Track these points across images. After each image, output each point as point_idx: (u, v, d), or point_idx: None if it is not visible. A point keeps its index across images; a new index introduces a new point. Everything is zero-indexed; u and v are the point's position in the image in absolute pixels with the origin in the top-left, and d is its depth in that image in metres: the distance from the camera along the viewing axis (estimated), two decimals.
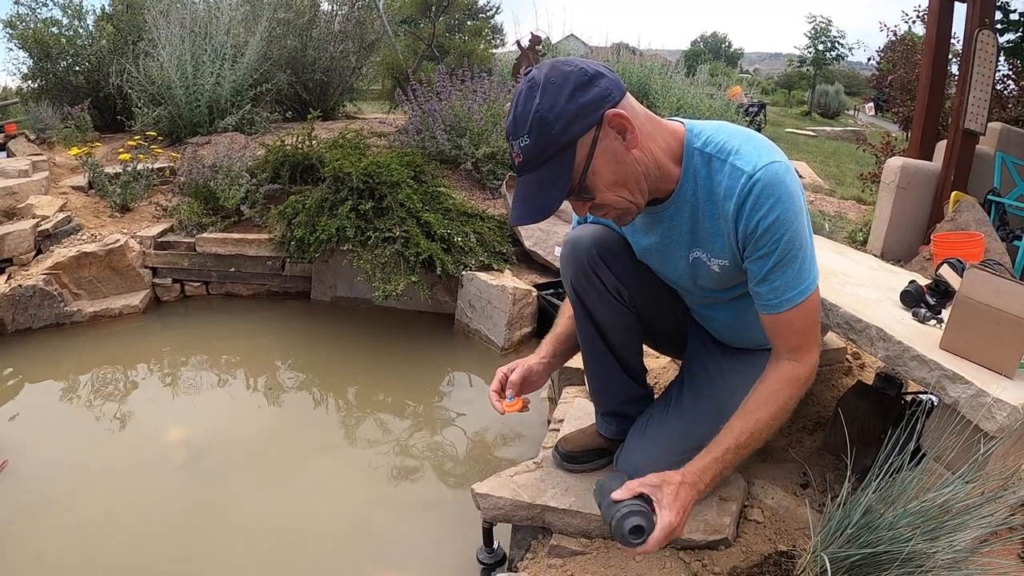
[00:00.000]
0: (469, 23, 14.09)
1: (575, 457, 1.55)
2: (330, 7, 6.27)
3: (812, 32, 20.74)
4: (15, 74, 5.48)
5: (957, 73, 4.07)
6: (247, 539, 1.85)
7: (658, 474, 1.16)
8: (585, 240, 1.39)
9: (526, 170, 1.12)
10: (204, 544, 1.82)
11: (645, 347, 1.59)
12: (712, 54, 29.82)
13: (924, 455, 1.22)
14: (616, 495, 1.13)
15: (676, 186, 1.22)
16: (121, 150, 4.23)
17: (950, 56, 4.35)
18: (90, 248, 3.26)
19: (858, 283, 1.78)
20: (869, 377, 2.12)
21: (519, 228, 3.46)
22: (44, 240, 3.37)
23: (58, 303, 3.10)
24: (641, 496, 1.13)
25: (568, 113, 1.06)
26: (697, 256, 1.28)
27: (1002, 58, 4.46)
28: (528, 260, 3.47)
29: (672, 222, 1.27)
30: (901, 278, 1.86)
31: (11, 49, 5.29)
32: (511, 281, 3.10)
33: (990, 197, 3.59)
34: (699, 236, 1.25)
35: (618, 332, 1.45)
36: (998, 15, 3.98)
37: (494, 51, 11.85)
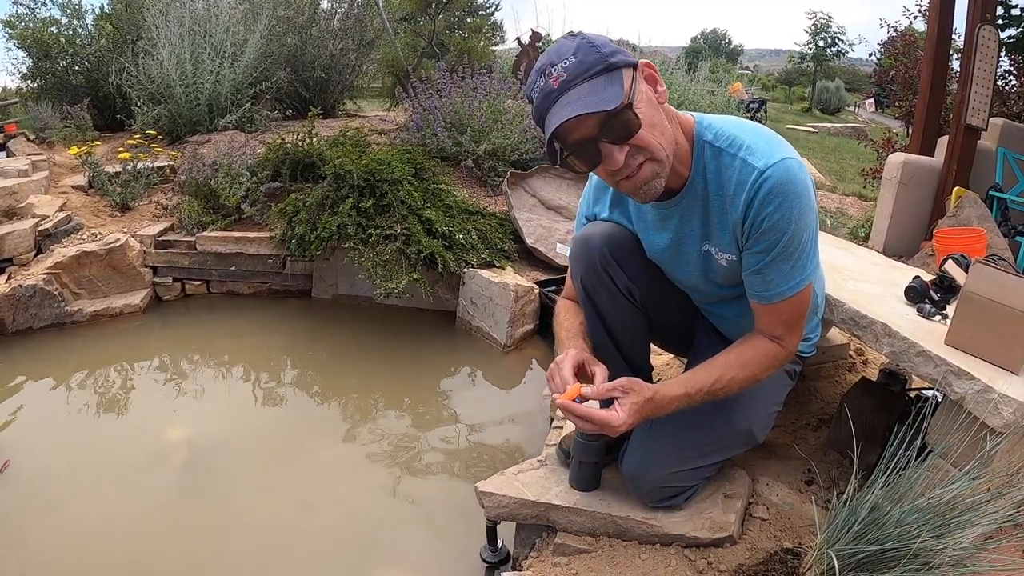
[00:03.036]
0: (469, 20, 14.06)
1: None
2: (330, 5, 6.25)
3: (812, 28, 20.72)
4: (14, 74, 5.46)
5: (958, 69, 4.06)
6: (248, 538, 1.85)
7: (631, 380, 1.23)
8: (596, 238, 1.38)
9: (571, 86, 1.06)
10: (205, 543, 1.82)
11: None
12: (712, 50, 29.76)
13: (929, 451, 1.21)
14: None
15: (689, 174, 1.22)
16: (121, 149, 4.22)
17: (951, 52, 4.33)
18: (90, 247, 3.25)
19: (862, 279, 1.77)
20: (872, 373, 2.11)
21: (521, 226, 3.45)
22: (44, 240, 3.36)
23: (58, 303, 3.10)
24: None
25: (611, 46, 1.08)
26: (708, 249, 1.28)
27: (1003, 53, 4.45)
28: (530, 257, 3.46)
29: (683, 217, 1.27)
30: (904, 274, 1.85)
31: (10, 49, 5.28)
32: (513, 278, 3.09)
33: (992, 193, 3.58)
34: (710, 230, 1.25)
35: (627, 331, 1.44)
36: (999, 11, 3.97)
37: (494, 48, 11.82)
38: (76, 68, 5.31)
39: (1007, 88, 4.92)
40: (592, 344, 1.45)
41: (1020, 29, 4.48)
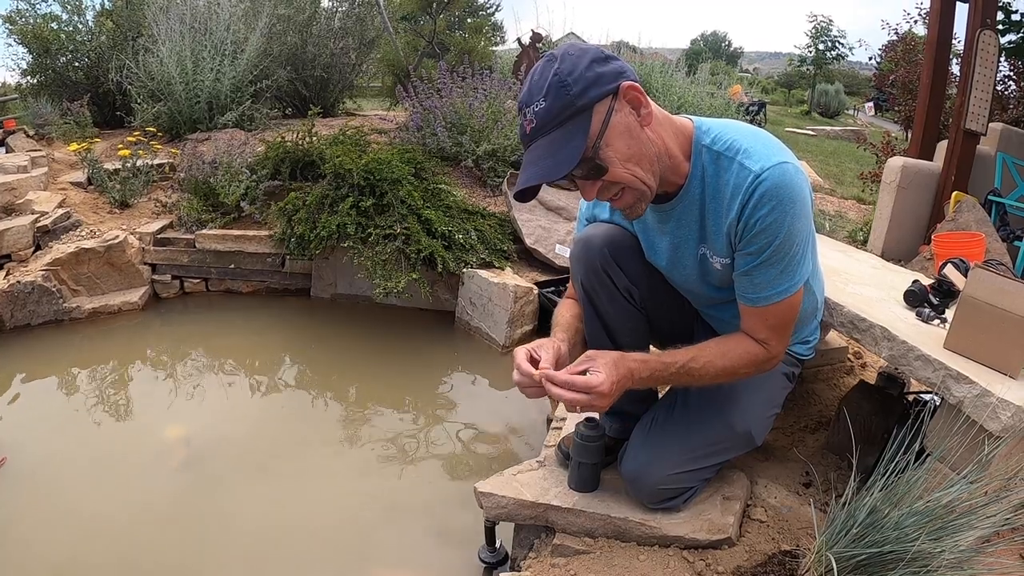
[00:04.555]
0: (469, 20, 14.08)
1: None
2: (330, 4, 6.27)
3: (813, 31, 20.81)
4: (14, 70, 5.48)
5: (958, 73, 4.07)
6: (246, 537, 1.84)
7: (590, 351, 1.24)
8: (597, 239, 1.39)
9: (538, 135, 1.09)
10: (202, 542, 1.81)
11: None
12: (712, 53, 29.84)
13: (928, 455, 1.22)
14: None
15: (685, 181, 1.22)
16: (120, 146, 4.22)
17: (951, 56, 4.35)
18: (89, 244, 3.24)
19: (861, 282, 1.78)
20: (871, 377, 2.11)
21: (520, 226, 3.45)
22: (43, 236, 3.35)
23: (57, 299, 3.09)
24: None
25: (586, 79, 1.07)
26: (704, 252, 1.28)
27: (1003, 59, 4.47)
28: (529, 258, 3.46)
29: (680, 220, 1.27)
30: (903, 277, 1.86)
31: (10, 45, 5.29)
32: (512, 279, 3.09)
33: (991, 197, 3.59)
34: (706, 233, 1.26)
35: (626, 332, 1.45)
36: (1000, 15, 3.98)
37: (495, 48, 11.85)
38: (76, 64, 5.31)
39: (1007, 93, 4.94)
40: (588, 344, 1.46)
41: (1020, 34, 4.49)
